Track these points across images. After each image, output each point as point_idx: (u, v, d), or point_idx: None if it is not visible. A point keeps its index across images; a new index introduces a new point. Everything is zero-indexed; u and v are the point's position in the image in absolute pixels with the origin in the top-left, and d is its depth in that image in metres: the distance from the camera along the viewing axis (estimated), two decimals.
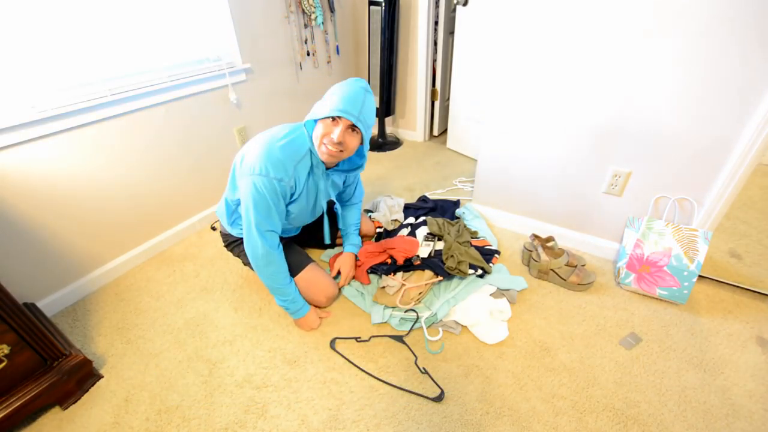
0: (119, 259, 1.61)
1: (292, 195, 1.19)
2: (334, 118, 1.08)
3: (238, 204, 1.27)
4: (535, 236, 1.55)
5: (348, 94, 1.07)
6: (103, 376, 1.19)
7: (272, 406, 1.09)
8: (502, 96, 1.53)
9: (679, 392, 1.09)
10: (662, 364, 1.17)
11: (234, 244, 1.40)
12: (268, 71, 2.03)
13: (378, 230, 1.74)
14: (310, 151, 1.17)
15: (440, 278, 1.43)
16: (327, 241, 1.47)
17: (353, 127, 1.10)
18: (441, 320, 1.32)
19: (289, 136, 1.15)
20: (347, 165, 1.32)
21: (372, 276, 1.51)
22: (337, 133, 1.07)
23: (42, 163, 1.30)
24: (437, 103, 2.79)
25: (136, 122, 1.52)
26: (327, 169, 1.25)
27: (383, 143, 2.79)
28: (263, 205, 1.12)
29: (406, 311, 1.35)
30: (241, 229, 1.34)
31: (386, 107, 2.63)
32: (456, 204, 1.94)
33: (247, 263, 1.42)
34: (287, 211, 1.22)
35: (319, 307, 1.40)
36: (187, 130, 1.71)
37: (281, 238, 1.45)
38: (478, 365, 1.19)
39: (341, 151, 1.11)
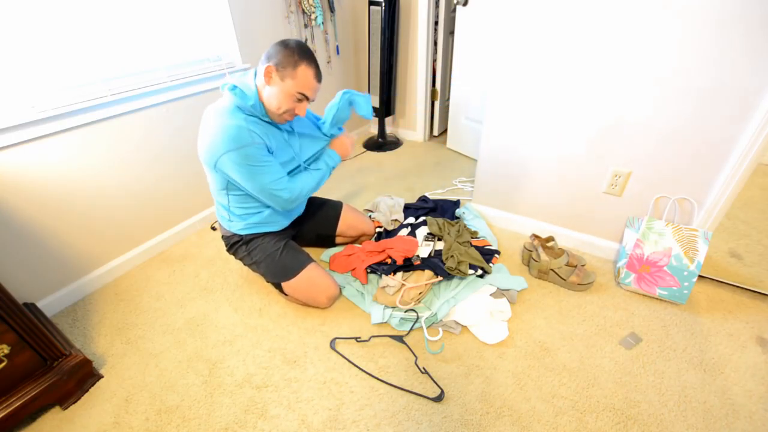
0: (119, 259, 1.61)
1: (269, 149, 1.19)
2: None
3: (226, 186, 1.24)
4: (535, 236, 1.55)
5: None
6: (103, 376, 1.20)
7: (272, 406, 1.09)
8: (502, 96, 1.53)
9: (679, 392, 1.09)
10: (662, 364, 1.17)
11: (236, 246, 1.39)
12: None
13: (378, 230, 1.74)
14: (255, 109, 1.16)
15: (440, 278, 1.43)
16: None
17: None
18: (441, 320, 1.32)
19: (230, 111, 1.13)
20: None
21: (372, 276, 1.51)
22: (303, 110, 1.18)
23: (42, 163, 1.30)
24: (437, 103, 2.79)
25: (136, 122, 1.52)
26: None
27: (383, 143, 2.79)
28: (252, 168, 1.14)
29: (406, 311, 1.34)
30: (243, 224, 1.34)
31: (386, 107, 2.63)
32: (456, 204, 1.94)
33: (249, 265, 1.42)
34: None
35: (319, 308, 1.40)
36: (186, 130, 1.71)
37: (286, 230, 1.47)
38: (478, 365, 1.19)
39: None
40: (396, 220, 1.83)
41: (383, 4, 2.26)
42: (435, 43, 2.58)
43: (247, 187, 1.18)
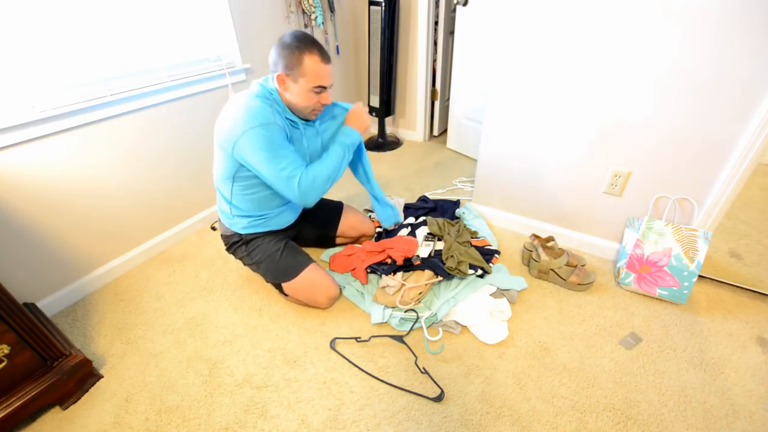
0: (119, 259, 1.61)
1: (288, 138, 1.19)
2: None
3: (233, 174, 1.23)
4: (535, 236, 1.55)
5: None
6: (103, 376, 1.20)
7: (272, 406, 1.09)
8: (502, 96, 1.53)
9: (679, 392, 1.09)
10: (662, 364, 1.17)
11: (236, 246, 1.40)
12: (268, 71, 2.03)
13: (378, 230, 1.74)
14: (278, 104, 1.18)
15: (440, 278, 1.43)
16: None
17: None
18: (441, 320, 1.32)
19: (255, 95, 1.16)
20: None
21: (372, 276, 1.51)
22: (328, 98, 1.19)
23: (42, 163, 1.30)
24: (437, 103, 2.79)
25: (136, 122, 1.52)
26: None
27: (383, 143, 2.79)
28: (272, 150, 1.11)
29: (406, 311, 1.34)
30: (244, 222, 1.34)
31: (386, 107, 2.63)
32: (456, 204, 1.94)
33: (249, 265, 1.42)
34: None
35: (319, 308, 1.40)
36: (187, 130, 1.71)
37: (286, 230, 1.46)
38: (478, 365, 1.19)
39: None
40: None
41: (383, 4, 2.26)
42: (435, 43, 2.58)
43: (263, 171, 1.13)
